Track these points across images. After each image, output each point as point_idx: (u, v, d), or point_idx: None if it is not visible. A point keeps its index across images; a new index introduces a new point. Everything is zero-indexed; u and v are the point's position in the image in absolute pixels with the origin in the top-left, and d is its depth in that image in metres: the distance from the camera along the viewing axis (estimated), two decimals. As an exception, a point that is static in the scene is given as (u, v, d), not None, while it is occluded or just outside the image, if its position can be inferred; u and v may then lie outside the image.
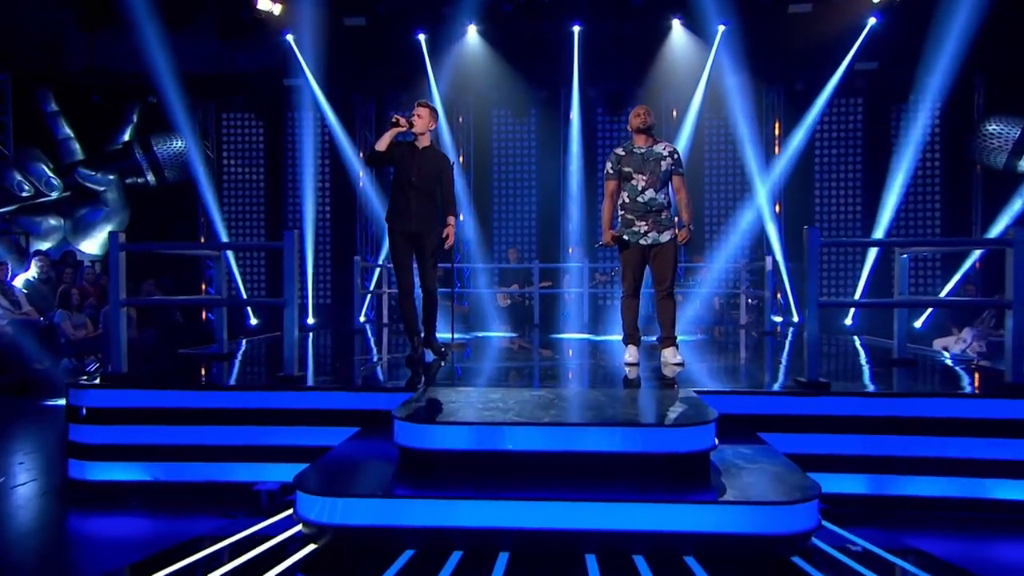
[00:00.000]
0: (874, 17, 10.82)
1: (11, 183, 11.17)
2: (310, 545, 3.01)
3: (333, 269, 12.88)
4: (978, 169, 11.37)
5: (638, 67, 11.48)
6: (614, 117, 12.66)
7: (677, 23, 11.29)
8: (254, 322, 12.40)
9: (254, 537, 3.27)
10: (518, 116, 12.74)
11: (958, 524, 3.79)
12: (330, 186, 12.90)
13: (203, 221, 12.57)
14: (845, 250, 12.17)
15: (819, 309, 4.33)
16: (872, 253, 11.54)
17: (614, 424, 3.30)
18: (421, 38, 11.54)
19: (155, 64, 10.69)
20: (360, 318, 10.53)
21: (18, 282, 9.18)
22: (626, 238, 5.12)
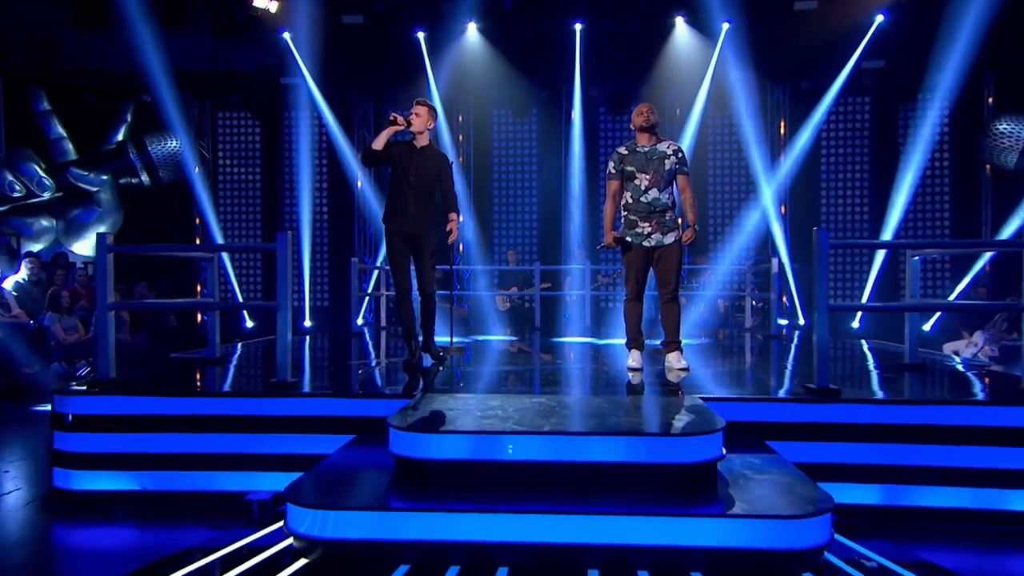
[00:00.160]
0: (881, 14, 10.73)
1: (2, 183, 11.11)
2: (303, 559, 2.93)
3: (330, 271, 12.83)
4: (988, 169, 11.28)
5: (641, 65, 11.41)
6: (616, 116, 12.60)
7: (680, 20, 11.21)
8: (250, 325, 12.33)
9: (246, 549, 3.20)
10: (519, 115, 12.69)
11: (973, 536, 3.72)
12: (328, 186, 12.85)
13: (198, 222, 12.50)
14: (852, 252, 12.07)
15: (828, 313, 4.25)
16: (880, 255, 11.44)
17: (618, 433, 3.22)
18: (420, 36, 11.48)
19: (149, 63, 10.67)
20: (358, 321, 10.47)
21: (8, 284, 9.11)
22: (629, 240, 5.05)
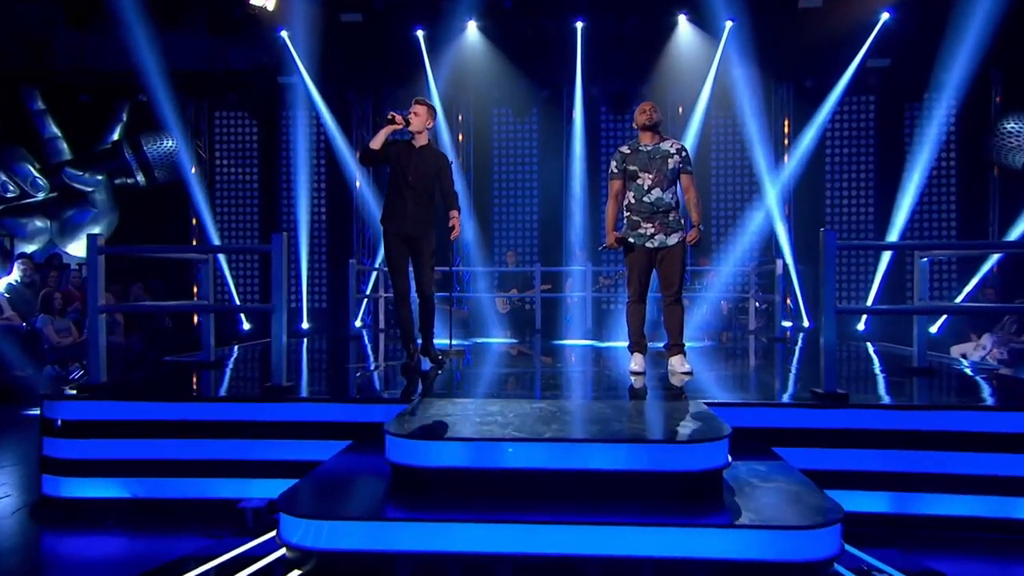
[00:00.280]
0: (887, 12, 10.66)
1: (-5, 183, 11.08)
2: (296, 570, 2.87)
3: (328, 272, 12.77)
4: (995, 169, 11.21)
5: (643, 64, 11.34)
6: (618, 116, 12.54)
7: (683, 19, 11.15)
8: (247, 327, 12.26)
9: (240, 559, 3.16)
10: (519, 115, 12.63)
11: (984, 545, 3.66)
12: (326, 186, 12.80)
13: (195, 223, 12.45)
14: (857, 253, 11.99)
15: (836, 316, 4.19)
16: (885, 256, 11.36)
17: (620, 440, 3.16)
18: (419, 34, 11.42)
19: (145, 62, 10.61)
20: (356, 323, 10.41)
21: (0, 286, 9.04)
22: (632, 241, 4.99)
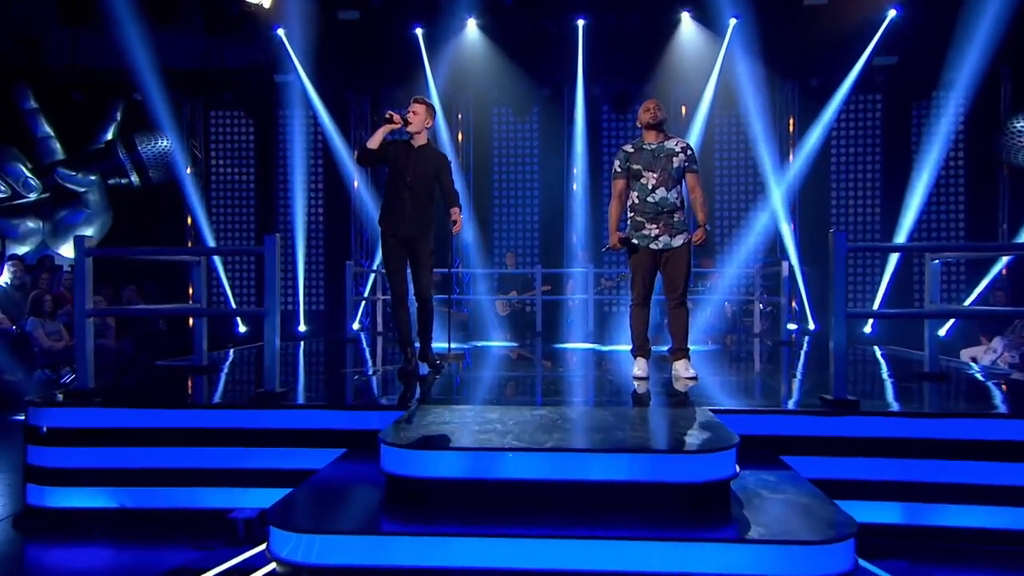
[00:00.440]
0: (894, 9, 10.55)
1: (-12, 184, 11.02)
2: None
3: (326, 274, 12.69)
4: (1005, 169, 11.11)
5: (645, 63, 11.24)
6: (620, 115, 12.47)
7: (686, 16, 11.07)
8: (243, 329, 12.18)
9: (231, 571, 3.12)
10: (520, 114, 12.55)
11: (999, 558, 3.57)
12: (323, 187, 12.73)
13: (190, 224, 12.37)
14: (863, 254, 11.88)
15: (846, 320, 4.10)
16: (893, 258, 11.26)
17: (624, 450, 3.08)
18: (418, 32, 11.34)
19: (139, 60, 10.54)
20: (354, 325, 10.32)
21: (-11, 288, 8.98)
22: (635, 242, 4.91)
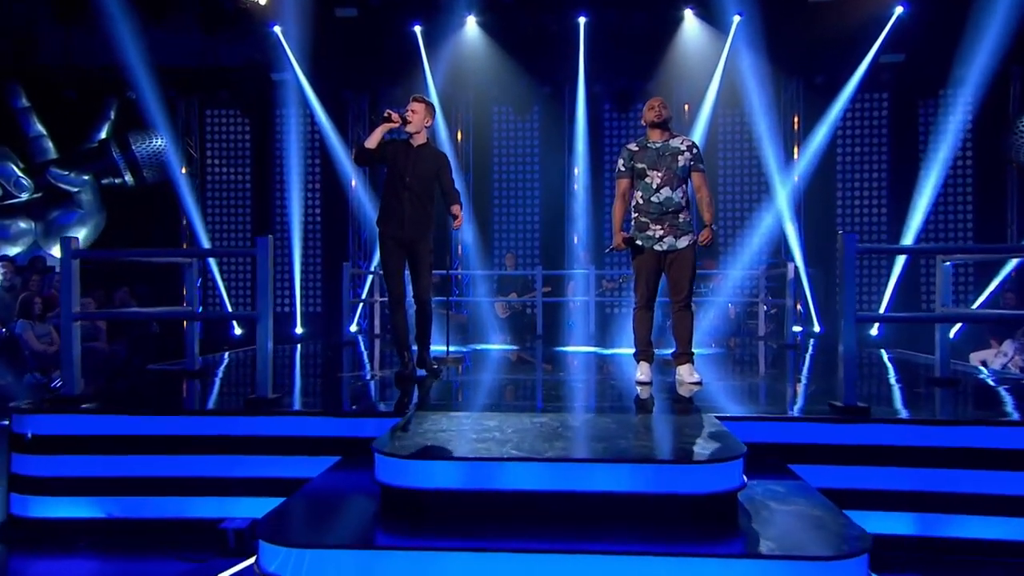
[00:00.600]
0: (901, 6, 10.50)
1: (-21, 184, 10.94)
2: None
3: (323, 276, 12.61)
4: (1014, 169, 11.02)
5: (648, 60, 11.19)
6: (622, 114, 12.40)
7: (689, 13, 11.00)
8: (239, 332, 12.09)
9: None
10: (520, 113, 12.48)
11: (1016, 571, 3.48)
12: (320, 187, 12.68)
13: (185, 224, 12.29)
14: (869, 256, 11.78)
15: (855, 324, 4.01)
16: (900, 259, 11.16)
17: (627, 460, 2.98)
18: (417, 30, 11.29)
19: (134, 58, 10.53)
20: (352, 327, 10.25)
21: (-22, 290, 8.89)
22: (640, 243, 4.83)
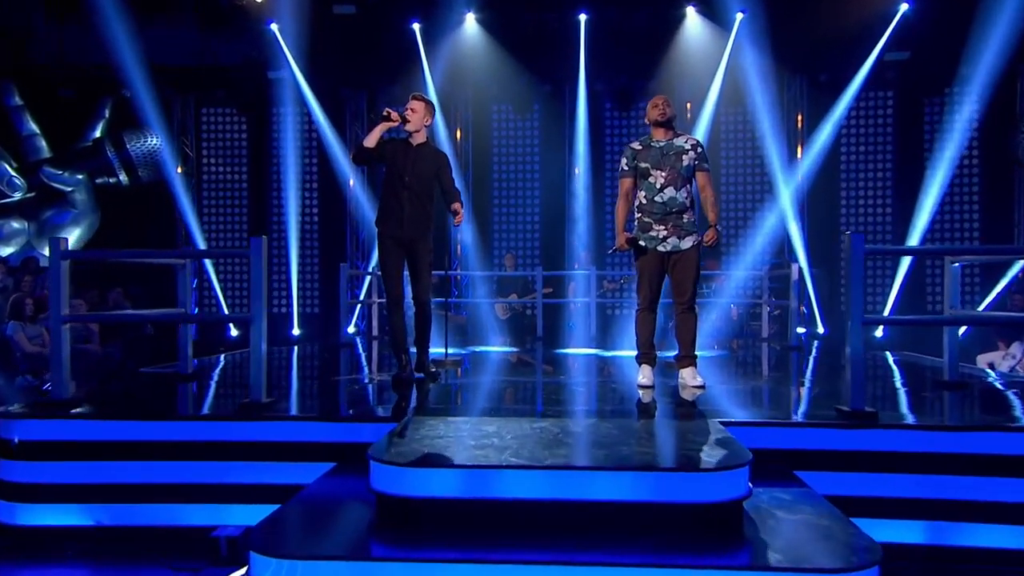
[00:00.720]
0: (906, 3, 10.45)
1: (-29, 183, 10.90)
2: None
3: (320, 276, 12.56)
4: (1021, 168, 10.95)
5: (649, 58, 11.13)
6: (623, 113, 12.34)
7: (691, 10, 10.97)
8: (235, 333, 12.03)
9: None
10: (520, 111, 12.42)
11: (1030, 580, 3.42)
12: (318, 186, 12.63)
13: (181, 224, 12.22)
14: (874, 257, 11.70)
15: (863, 327, 3.94)
16: (905, 260, 11.10)
17: (629, 468, 2.92)
18: (415, 27, 11.24)
19: (129, 55, 10.48)
20: (349, 329, 10.18)
21: (-30, 291, 8.83)
22: (643, 243, 4.77)
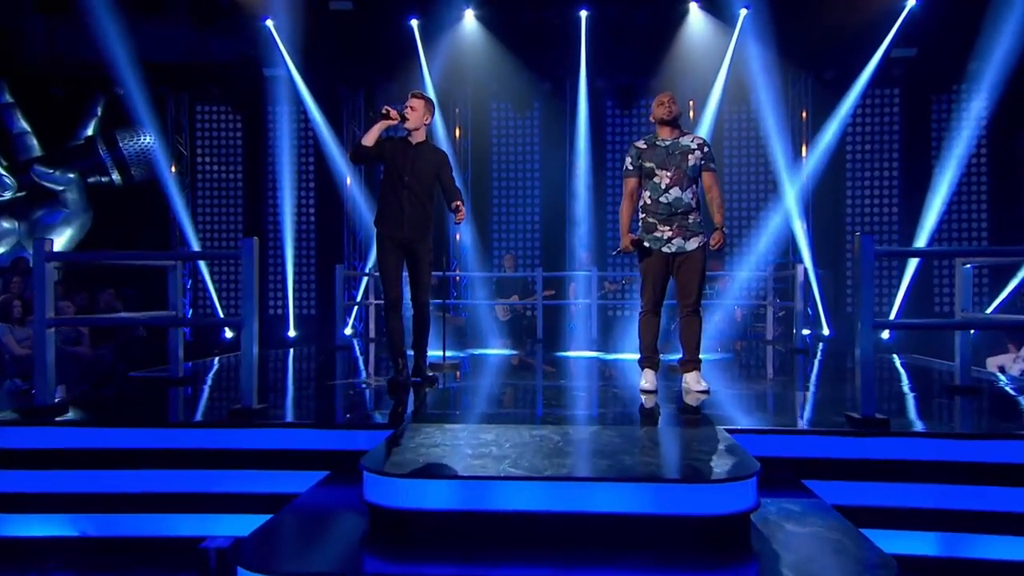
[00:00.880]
0: (912, -2, 10.39)
1: (-40, 182, 10.81)
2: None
3: (317, 277, 12.51)
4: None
5: (652, 56, 11.06)
6: (625, 111, 12.29)
7: (695, 6, 10.88)
8: (230, 335, 11.95)
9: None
10: (520, 109, 12.37)
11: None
12: (314, 186, 12.57)
13: (175, 225, 12.14)
14: (880, 258, 11.63)
15: (872, 331, 3.87)
16: (912, 261, 11.03)
17: (632, 479, 2.83)
18: (414, 24, 11.16)
19: (121, 52, 10.43)
20: (346, 331, 10.11)
21: (-41, 293, 8.74)
22: (647, 245, 4.69)
